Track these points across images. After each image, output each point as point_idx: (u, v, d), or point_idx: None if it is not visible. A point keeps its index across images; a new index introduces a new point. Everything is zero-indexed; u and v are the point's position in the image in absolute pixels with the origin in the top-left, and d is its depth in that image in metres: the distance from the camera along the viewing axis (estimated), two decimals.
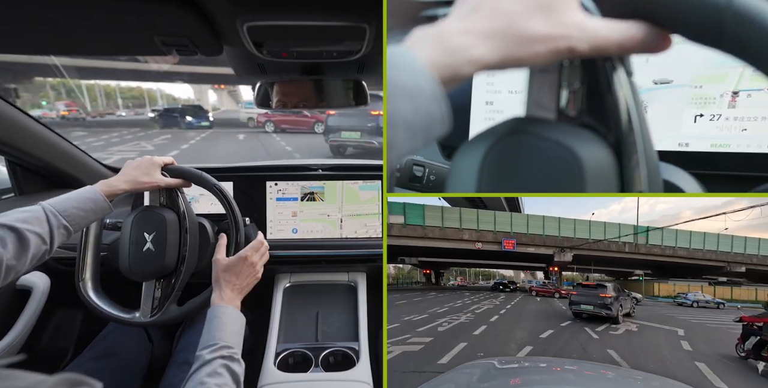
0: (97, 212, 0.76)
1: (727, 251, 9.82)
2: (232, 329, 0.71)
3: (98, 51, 0.78)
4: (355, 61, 0.80)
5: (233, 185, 1.25)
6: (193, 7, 0.53)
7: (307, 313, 1.17)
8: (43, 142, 1.14)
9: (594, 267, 9.93)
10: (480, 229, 7.81)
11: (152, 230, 0.87)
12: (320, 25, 0.60)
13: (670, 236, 9.26)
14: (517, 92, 0.72)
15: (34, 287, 1.04)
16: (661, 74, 0.63)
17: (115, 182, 0.80)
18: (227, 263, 0.80)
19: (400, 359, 1.88)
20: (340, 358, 1.04)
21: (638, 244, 9.03)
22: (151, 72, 22.21)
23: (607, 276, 11.58)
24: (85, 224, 0.77)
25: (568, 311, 3.78)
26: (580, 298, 3.61)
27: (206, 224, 0.96)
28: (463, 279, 12.35)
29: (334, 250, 1.22)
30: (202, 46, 0.66)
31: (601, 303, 3.40)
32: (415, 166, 0.76)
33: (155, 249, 0.87)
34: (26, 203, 0.71)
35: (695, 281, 9.52)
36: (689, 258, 9.43)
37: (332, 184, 1.26)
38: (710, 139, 0.63)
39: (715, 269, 9.95)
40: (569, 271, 10.04)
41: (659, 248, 9.17)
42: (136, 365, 0.97)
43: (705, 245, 9.63)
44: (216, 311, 0.72)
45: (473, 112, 0.77)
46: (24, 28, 0.61)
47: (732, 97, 0.60)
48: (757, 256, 10.19)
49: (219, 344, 0.66)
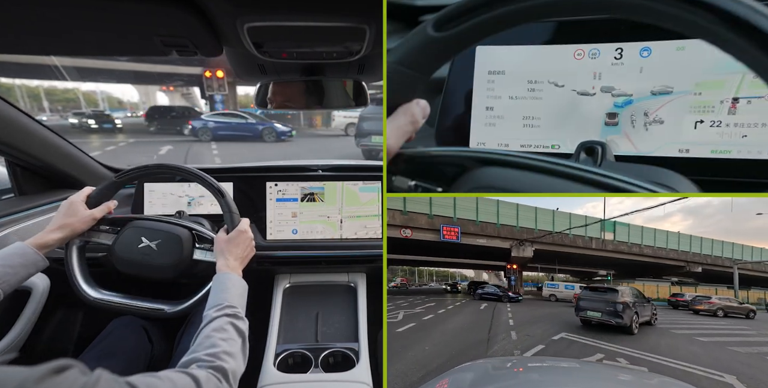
0: (28, 266, 0.77)
1: (686, 250, 9.84)
2: (236, 292, 0.76)
3: (98, 51, 0.77)
4: (355, 62, 0.80)
5: (233, 186, 1.25)
6: (193, 7, 0.53)
7: (307, 313, 1.17)
8: (43, 143, 1.14)
9: (559, 267, 9.51)
10: (408, 210, 5.70)
11: (152, 238, 0.90)
12: (320, 25, 0.60)
13: (635, 233, 8.97)
14: (518, 98, 0.73)
15: (34, 287, 1.04)
16: (660, 82, 0.64)
17: (45, 234, 0.82)
18: (229, 236, 0.86)
19: None
20: (340, 358, 1.04)
21: (605, 240, 8.46)
22: (85, 69, 18.40)
23: (573, 277, 11.42)
24: (17, 282, 0.76)
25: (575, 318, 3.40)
26: (587, 303, 3.25)
27: (206, 223, 0.96)
28: (405, 279, 11.67)
29: (333, 250, 1.22)
30: (202, 46, 0.66)
31: (611, 310, 3.05)
32: None
33: (158, 248, 0.89)
34: (26, 203, 0.71)
35: (658, 281, 9.54)
36: (654, 257, 9.31)
37: (332, 185, 1.26)
38: (711, 145, 0.63)
39: (674, 269, 10.00)
40: (531, 270, 9.46)
41: (626, 245, 8.78)
42: (136, 364, 0.97)
43: (668, 243, 9.55)
44: (221, 276, 0.79)
45: (473, 118, 0.76)
46: (24, 28, 0.61)
47: (732, 103, 0.60)
48: (711, 256, 10.37)
49: (224, 304, 0.71)
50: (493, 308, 4.66)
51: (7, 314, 1.00)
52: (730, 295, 8.09)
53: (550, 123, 0.71)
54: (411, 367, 1.93)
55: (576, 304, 3.51)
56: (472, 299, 6.10)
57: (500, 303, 5.57)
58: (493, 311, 4.39)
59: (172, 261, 0.89)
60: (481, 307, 4.93)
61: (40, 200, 1.16)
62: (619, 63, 0.65)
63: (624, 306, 3.10)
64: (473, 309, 4.67)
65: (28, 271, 0.77)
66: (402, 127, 0.46)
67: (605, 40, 0.65)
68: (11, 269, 0.74)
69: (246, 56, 0.75)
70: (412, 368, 1.92)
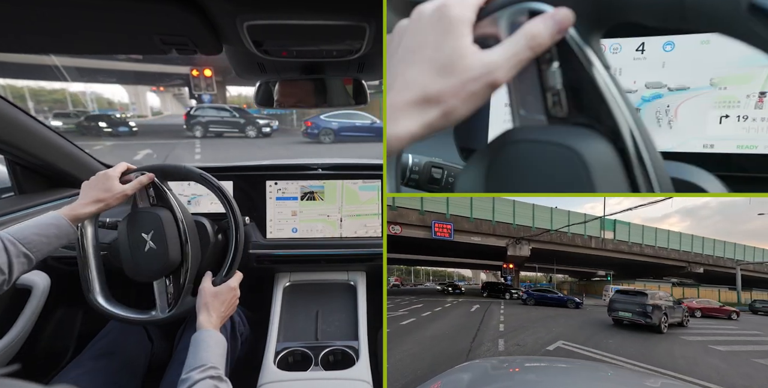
0: (61, 237, 0.76)
1: (687, 250, 9.64)
2: (218, 352, 0.74)
3: (98, 50, 0.77)
4: (355, 61, 0.80)
5: (233, 185, 1.25)
6: (193, 6, 0.53)
7: (307, 312, 1.17)
8: (43, 141, 1.14)
9: (557, 266, 9.17)
10: (398, 206, 5.41)
11: (149, 229, 0.87)
12: (320, 24, 0.60)
13: (636, 232, 8.67)
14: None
15: (34, 286, 1.04)
16: (684, 77, 0.62)
17: (78, 206, 0.80)
18: (217, 290, 0.84)
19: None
20: (340, 357, 1.04)
21: (605, 239, 8.08)
22: (80, 69, 18.29)
23: (571, 277, 11.18)
24: (49, 251, 0.75)
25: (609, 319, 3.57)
26: (619, 304, 3.51)
27: (206, 222, 0.96)
28: (398, 279, 11.30)
29: (333, 249, 1.22)
30: (202, 45, 0.66)
31: (641, 311, 3.30)
32: (434, 169, 0.75)
33: (157, 247, 0.86)
34: (26, 201, 0.71)
35: (659, 281, 9.29)
36: (655, 257, 9.07)
37: (332, 184, 1.26)
38: (736, 140, 0.61)
39: (676, 270, 9.80)
40: (529, 270, 9.22)
41: (626, 244, 8.45)
42: (136, 363, 0.97)
43: (669, 243, 9.32)
44: (203, 334, 0.75)
45: (492, 114, 0.76)
46: (24, 28, 0.61)
47: (759, 97, 0.59)
48: (713, 257, 10.21)
49: (207, 365, 0.68)
50: (485, 311, 4.31)
51: (7, 312, 1.00)
52: (732, 296, 8.03)
53: None
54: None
55: (609, 305, 3.73)
56: (467, 301, 5.64)
57: (493, 305, 5.07)
58: (484, 313, 4.07)
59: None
60: (472, 309, 4.48)
61: (40, 199, 1.16)
62: (642, 57, 0.64)
63: (654, 307, 3.30)
64: (463, 311, 4.24)
65: (60, 242, 0.76)
66: (517, 54, 0.29)
67: (627, 34, 0.63)
68: (46, 238, 0.73)
69: (246, 55, 0.75)
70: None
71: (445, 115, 0.30)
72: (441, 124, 0.31)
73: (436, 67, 0.30)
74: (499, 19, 0.32)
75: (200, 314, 0.80)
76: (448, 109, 0.30)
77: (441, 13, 0.31)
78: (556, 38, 0.30)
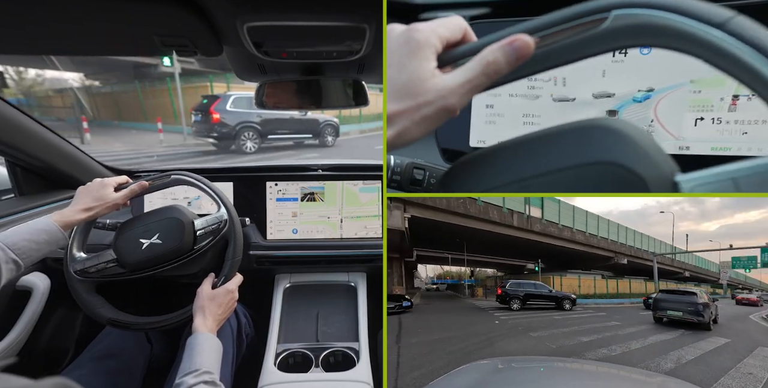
0: (51, 243, 0.75)
1: (614, 240, 9.23)
2: (214, 356, 0.73)
3: (98, 51, 0.77)
4: (355, 62, 0.80)
5: (233, 186, 1.25)
6: (193, 7, 0.53)
7: (307, 313, 1.17)
8: (43, 143, 1.14)
9: (468, 256, 7.39)
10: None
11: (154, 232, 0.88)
12: (320, 25, 0.60)
13: (567, 213, 7.66)
14: (517, 96, 0.73)
15: (34, 287, 1.04)
16: (660, 80, 0.63)
17: (69, 212, 0.80)
18: (214, 293, 0.83)
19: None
20: (340, 358, 1.04)
21: (531, 217, 6.48)
22: None
23: (499, 271, 10.20)
24: (38, 257, 0.75)
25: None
26: (667, 304, 3.62)
27: (185, 221, 0.96)
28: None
29: (334, 250, 1.22)
30: (202, 46, 0.66)
31: (692, 310, 3.42)
32: (415, 169, 0.75)
33: (163, 241, 0.88)
34: (26, 203, 0.71)
35: (588, 273, 8.82)
36: (586, 245, 8.23)
37: (332, 185, 1.26)
38: (711, 142, 0.63)
39: (603, 261, 9.29)
40: (427, 262, 8.13)
41: (556, 226, 7.19)
42: (136, 365, 0.97)
43: (599, 230, 8.70)
44: (198, 338, 0.75)
45: (473, 116, 0.76)
46: (24, 28, 0.61)
47: (733, 100, 0.61)
48: (634, 248, 10.00)
49: (201, 369, 0.68)
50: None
51: (7, 314, 1.00)
52: (651, 288, 7.56)
53: (550, 121, 0.71)
54: None
55: (654, 305, 3.85)
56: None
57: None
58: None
59: (176, 246, 0.87)
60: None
61: (41, 201, 1.16)
62: (620, 61, 0.65)
63: (704, 306, 3.45)
64: None
65: (50, 248, 0.76)
66: (471, 80, 0.30)
67: None
68: (36, 244, 0.73)
69: (246, 56, 0.75)
70: None
71: (399, 136, 0.31)
72: (395, 144, 0.31)
73: (395, 87, 0.31)
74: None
75: (196, 317, 0.80)
76: (401, 130, 0.31)
77: (408, 35, 0.31)
78: (514, 66, 0.30)
